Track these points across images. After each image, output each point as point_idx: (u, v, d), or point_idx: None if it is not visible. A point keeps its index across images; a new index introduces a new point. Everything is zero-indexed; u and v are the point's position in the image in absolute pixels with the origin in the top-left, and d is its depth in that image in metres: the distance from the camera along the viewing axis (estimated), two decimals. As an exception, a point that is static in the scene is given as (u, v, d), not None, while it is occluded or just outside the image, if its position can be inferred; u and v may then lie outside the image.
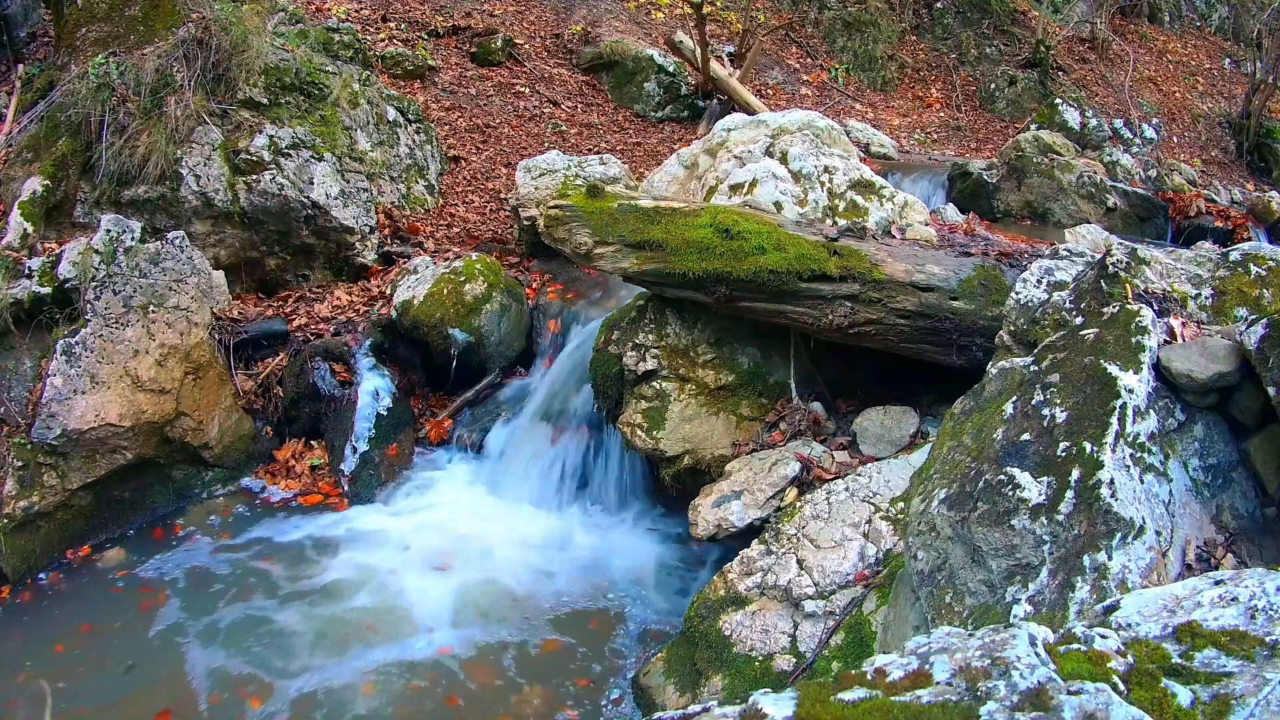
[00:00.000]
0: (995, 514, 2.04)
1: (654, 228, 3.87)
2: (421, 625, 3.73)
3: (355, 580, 3.99)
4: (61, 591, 3.92)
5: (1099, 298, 2.56)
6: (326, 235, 5.50)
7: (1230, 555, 2.02)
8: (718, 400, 4.14)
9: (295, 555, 4.18)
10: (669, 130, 8.63)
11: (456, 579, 4.02)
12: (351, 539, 4.28)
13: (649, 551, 4.26)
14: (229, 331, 4.90)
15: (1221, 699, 1.14)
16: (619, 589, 4.02)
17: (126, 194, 5.06)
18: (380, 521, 4.41)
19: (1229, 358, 2.13)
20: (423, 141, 6.68)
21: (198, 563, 4.12)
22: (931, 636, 1.31)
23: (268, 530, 4.35)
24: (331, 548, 4.23)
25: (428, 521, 4.43)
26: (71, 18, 5.32)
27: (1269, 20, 10.82)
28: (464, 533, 4.33)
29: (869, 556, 3.10)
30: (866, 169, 4.87)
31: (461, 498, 4.63)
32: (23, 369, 4.13)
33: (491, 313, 5.09)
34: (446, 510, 4.52)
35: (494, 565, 4.13)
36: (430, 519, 4.45)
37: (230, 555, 4.17)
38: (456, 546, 4.24)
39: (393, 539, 4.28)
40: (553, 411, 4.73)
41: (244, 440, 4.77)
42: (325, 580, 4.00)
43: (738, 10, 10.00)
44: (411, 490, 4.67)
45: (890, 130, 9.43)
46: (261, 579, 4.01)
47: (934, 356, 3.87)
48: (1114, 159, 8.14)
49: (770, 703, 1.21)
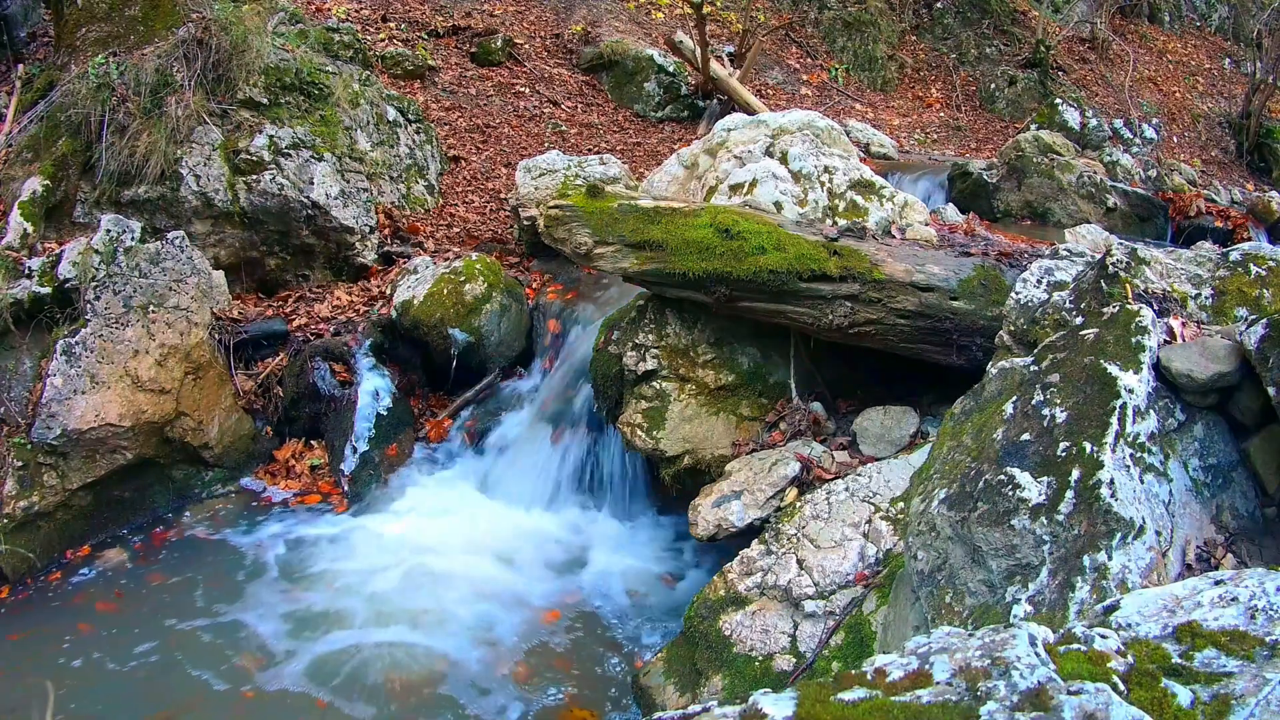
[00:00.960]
0: (995, 514, 2.04)
1: (654, 228, 3.87)
2: (420, 624, 3.73)
3: (355, 580, 3.99)
4: (61, 591, 3.92)
5: (1099, 298, 2.56)
6: (326, 235, 5.50)
7: (1230, 555, 2.02)
8: (718, 400, 4.14)
9: (295, 555, 4.18)
10: (669, 130, 8.63)
11: (456, 579, 4.01)
12: (351, 539, 4.28)
13: (649, 551, 4.26)
14: (229, 331, 4.90)
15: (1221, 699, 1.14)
16: (619, 589, 4.02)
17: (126, 194, 5.05)
18: (380, 521, 4.41)
19: (1229, 358, 2.13)
20: (423, 141, 6.68)
21: (198, 563, 4.12)
22: (931, 636, 1.32)
23: (268, 530, 4.35)
24: (331, 547, 4.22)
25: (427, 521, 4.43)
26: (71, 18, 5.32)
27: (1269, 20, 10.82)
28: (463, 532, 4.33)
29: (869, 556, 3.10)
30: (866, 169, 4.87)
31: (461, 498, 4.63)
32: (23, 369, 4.13)
33: (491, 313, 5.09)
34: (446, 510, 4.52)
35: (493, 565, 4.13)
36: (430, 519, 4.45)
37: (230, 555, 4.17)
38: (456, 546, 4.24)
39: (392, 539, 4.28)
40: (553, 411, 4.73)
41: (244, 440, 4.77)
42: (325, 580, 4.00)
43: (738, 10, 10.00)
44: (411, 490, 4.67)
45: (890, 130, 9.43)
46: (261, 579, 4.01)
47: (934, 356, 3.87)
48: (1114, 159, 8.14)
49: (770, 703, 1.21)
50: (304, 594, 3.91)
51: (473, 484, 4.72)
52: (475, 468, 4.83)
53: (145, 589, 3.93)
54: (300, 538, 4.30)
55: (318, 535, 4.32)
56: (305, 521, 4.42)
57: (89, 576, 4.01)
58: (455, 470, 4.83)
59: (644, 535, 4.37)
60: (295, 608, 3.82)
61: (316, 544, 4.26)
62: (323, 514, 4.49)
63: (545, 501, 4.54)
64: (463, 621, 3.77)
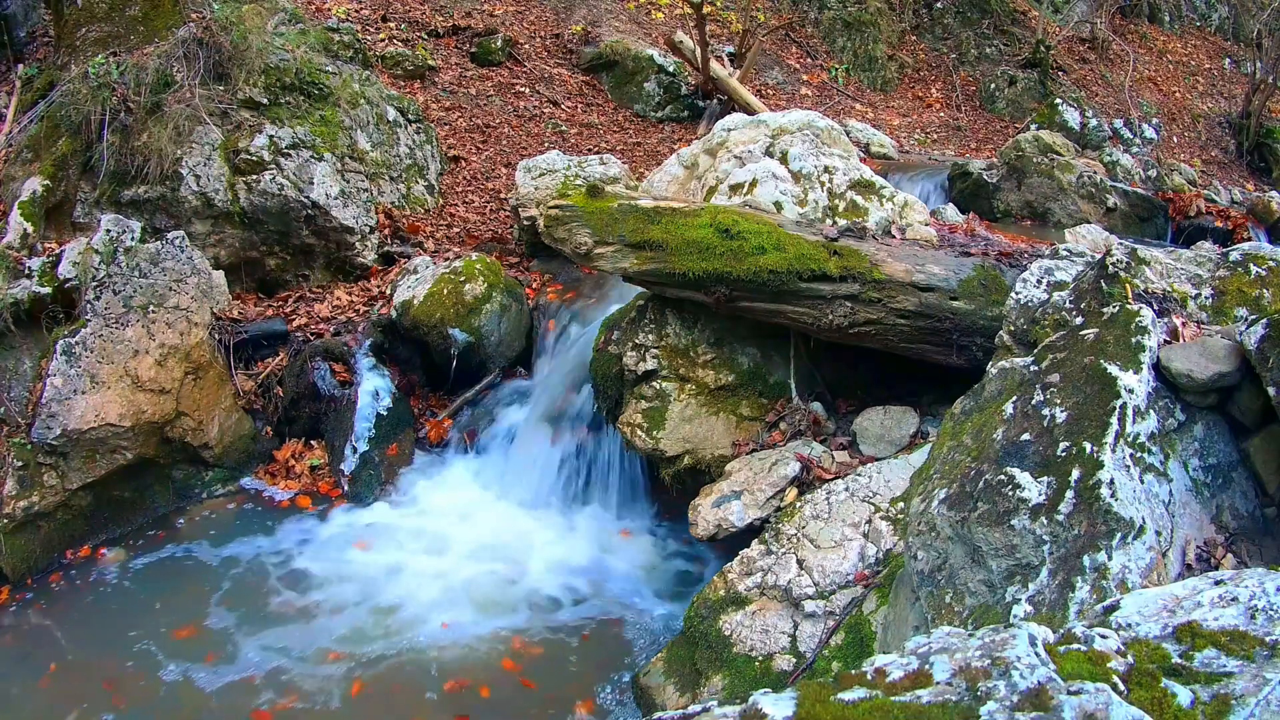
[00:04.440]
0: (995, 514, 2.04)
1: (654, 228, 3.87)
2: (420, 623, 3.73)
3: (354, 580, 3.99)
4: (61, 591, 3.92)
5: (1099, 298, 2.56)
6: (326, 235, 5.50)
7: (1230, 555, 2.02)
8: (718, 400, 4.14)
9: (295, 555, 4.18)
10: (669, 130, 8.63)
11: (456, 579, 4.02)
12: (351, 539, 4.28)
13: (649, 551, 4.26)
14: (229, 331, 4.90)
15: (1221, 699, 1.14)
16: (618, 589, 4.02)
17: (126, 194, 5.05)
18: (380, 521, 4.41)
19: (1229, 358, 2.13)
20: (423, 141, 6.68)
21: (198, 563, 4.12)
22: (931, 636, 1.32)
23: (268, 530, 4.35)
24: (331, 547, 4.23)
25: (427, 521, 4.43)
26: (71, 18, 5.32)
27: (1269, 20, 10.82)
28: (463, 533, 4.33)
29: (869, 556, 3.10)
30: (866, 169, 4.87)
31: (461, 498, 4.63)
32: (23, 369, 4.13)
33: (491, 313, 5.09)
34: (446, 510, 4.52)
35: (493, 565, 4.13)
36: (430, 519, 4.46)
37: (230, 555, 4.17)
38: (456, 546, 4.24)
39: (392, 539, 4.28)
40: (553, 411, 4.73)
41: (244, 440, 4.77)
42: (324, 580, 4.00)
43: (738, 10, 9.99)
44: (411, 490, 4.67)
45: (890, 130, 9.43)
46: (262, 579, 4.01)
47: (934, 356, 3.87)
48: (1114, 159, 8.14)
49: (770, 703, 1.21)
50: (304, 593, 3.91)
51: (472, 484, 4.72)
52: (475, 468, 4.83)
53: (145, 589, 3.93)
54: (300, 538, 4.30)
55: (318, 535, 4.32)
56: (305, 521, 4.42)
57: (89, 577, 4.01)
58: (455, 470, 4.83)
59: (643, 535, 4.37)
60: (295, 607, 3.82)
61: (316, 544, 4.26)
62: (323, 514, 4.49)
63: (545, 501, 4.54)
64: (461, 620, 3.77)
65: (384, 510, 4.53)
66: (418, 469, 4.83)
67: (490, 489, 4.66)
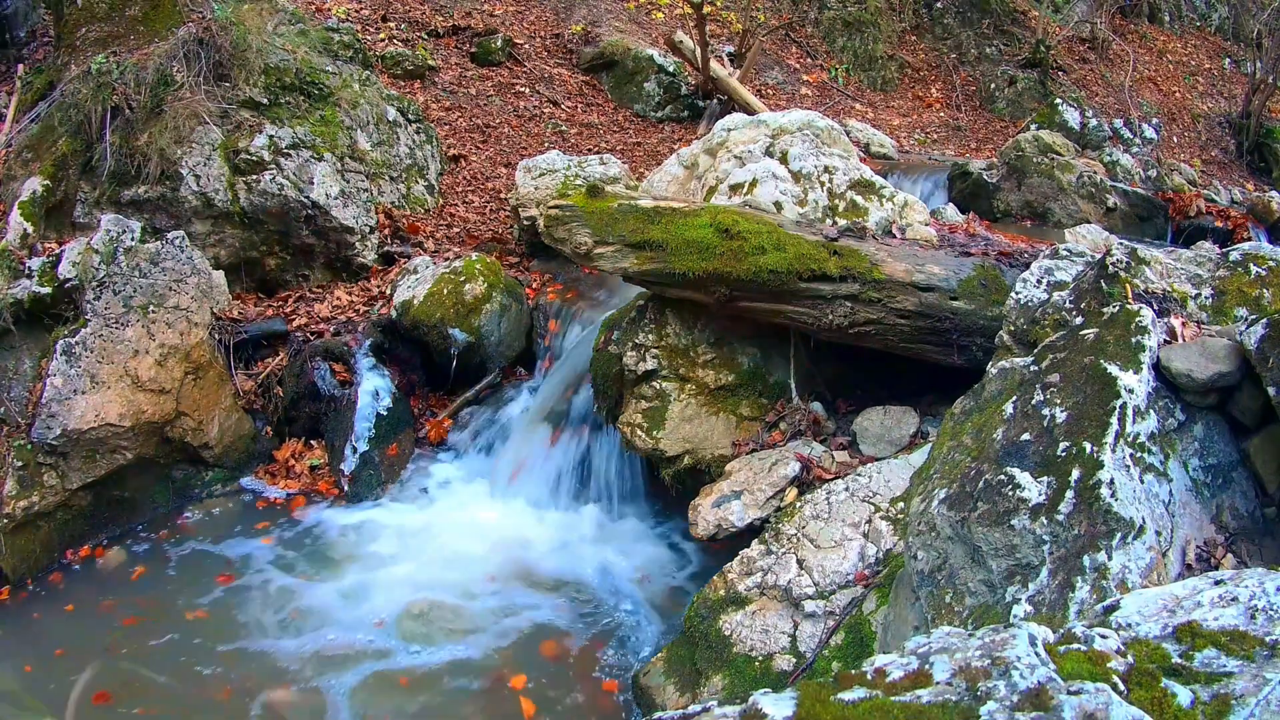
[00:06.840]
0: (995, 514, 2.04)
1: (654, 228, 3.87)
2: (420, 623, 3.73)
3: (354, 580, 3.99)
4: (61, 592, 3.92)
5: (1099, 298, 2.56)
6: (326, 235, 5.50)
7: (1230, 555, 2.02)
8: (718, 400, 4.14)
9: (295, 555, 4.18)
10: (669, 130, 8.63)
11: (456, 579, 4.01)
12: (351, 539, 4.28)
13: (648, 551, 4.26)
14: (229, 331, 4.90)
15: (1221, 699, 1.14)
16: (618, 588, 4.02)
17: (126, 194, 5.05)
18: (380, 521, 4.41)
19: (1229, 358, 2.13)
20: (423, 141, 6.68)
21: (198, 563, 4.12)
22: (931, 636, 1.32)
23: (267, 530, 4.35)
24: (331, 548, 4.23)
25: (427, 521, 4.43)
26: (71, 18, 5.31)
27: (1269, 20, 10.82)
28: (463, 533, 4.33)
29: (869, 556, 3.10)
30: (866, 169, 4.87)
31: (461, 498, 4.63)
32: (23, 369, 4.13)
33: (491, 313, 5.09)
34: (446, 510, 4.52)
35: (493, 565, 4.13)
36: (430, 519, 4.46)
37: (230, 555, 4.17)
38: (456, 546, 4.24)
39: (393, 539, 4.28)
40: (552, 411, 4.73)
41: (244, 440, 4.77)
42: (324, 579, 4.00)
43: (738, 10, 9.99)
44: (411, 490, 4.67)
45: (890, 130, 9.43)
46: (261, 579, 4.01)
47: (934, 356, 3.87)
48: (1114, 159, 8.14)
49: (770, 703, 1.21)
50: (304, 593, 3.91)
51: (473, 484, 4.73)
52: (475, 467, 4.83)
53: (145, 589, 3.93)
54: (300, 537, 4.30)
55: (318, 535, 4.32)
56: (305, 521, 4.42)
57: (89, 577, 4.01)
58: (455, 470, 4.83)
59: (643, 535, 4.37)
60: (295, 607, 3.82)
61: (316, 543, 4.26)
62: (323, 514, 4.49)
63: (545, 501, 4.54)
64: (460, 620, 3.77)
65: (384, 510, 4.53)
66: (418, 469, 4.83)
67: (490, 489, 4.66)
